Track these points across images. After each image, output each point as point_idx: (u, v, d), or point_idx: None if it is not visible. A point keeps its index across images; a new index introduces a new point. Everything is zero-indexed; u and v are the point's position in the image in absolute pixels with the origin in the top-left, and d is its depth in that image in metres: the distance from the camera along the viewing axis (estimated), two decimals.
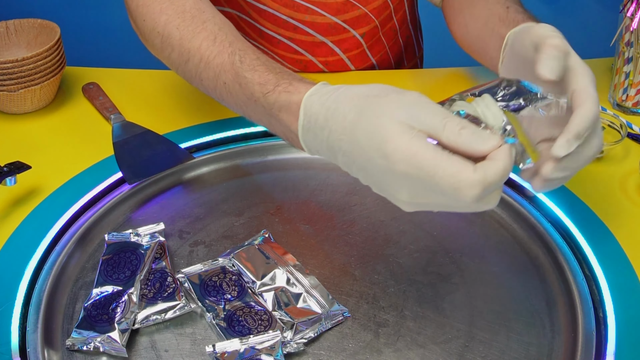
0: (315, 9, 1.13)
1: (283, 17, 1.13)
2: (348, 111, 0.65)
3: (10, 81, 1.03)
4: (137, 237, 0.84)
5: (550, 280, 0.82)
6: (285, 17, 1.13)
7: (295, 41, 1.16)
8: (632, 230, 0.88)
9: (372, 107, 0.63)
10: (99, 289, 0.78)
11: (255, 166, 1.00)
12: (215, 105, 1.08)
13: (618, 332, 0.75)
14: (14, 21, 1.13)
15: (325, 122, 0.67)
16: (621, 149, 1.01)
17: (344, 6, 1.13)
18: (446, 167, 0.59)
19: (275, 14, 1.13)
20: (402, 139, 0.61)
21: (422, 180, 0.60)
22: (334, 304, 0.78)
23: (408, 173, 0.61)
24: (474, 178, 0.58)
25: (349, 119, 0.65)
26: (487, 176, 0.59)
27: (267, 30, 1.15)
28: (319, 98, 0.69)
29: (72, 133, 1.05)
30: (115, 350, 0.73)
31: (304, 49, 1.17)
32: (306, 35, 1.16)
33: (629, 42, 1.05)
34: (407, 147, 0.60)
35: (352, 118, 0.65)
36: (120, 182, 0.94)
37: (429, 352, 0.74)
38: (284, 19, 1.13)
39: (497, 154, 0.59)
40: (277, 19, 1.13)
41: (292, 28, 1.15)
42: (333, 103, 0.67)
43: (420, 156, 0.60)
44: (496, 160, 0.59)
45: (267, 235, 0.86)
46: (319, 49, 1.17)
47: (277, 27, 1.15)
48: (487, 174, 0.59)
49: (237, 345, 0.71)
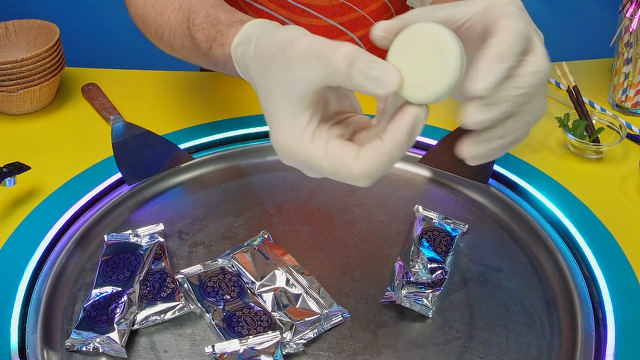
0: (310, 12, 1.13)
1: (280, 18, 1.13)
2: (254, 75, 0.63)
3: (9, 82, 1.03)
4: (136, 237, 0.84)
5: (549, 281, 0.82)
6: (281, 18, 1.13)
7: None
8: (632, 230, 0.88)
9: (268, 79, 0.60)
10: (99, 290, 0.78)
11: (254, 167, 1.00)
12: (215, 106, 1.08)
13: (617, 333, 0.75)
14: (13, 22, 1.13)
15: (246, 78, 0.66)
16: (620, 150, 1.01)
17: (339, 9, 1.13)
18: (327, 163, 0.56)
19: (273, 14, 1.13)
20: (282, 129, 0.58)
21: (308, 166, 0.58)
22: (333, 305, 0.78)
23: (294, 162, 0.59)
24: (357, 173, 0.55)
25: (254, 83, 0.63)
26: (369, 169, 0.55)
27: None
28: (242, 50, 0.66)
29: (71, 134, 1.05)
30: (114, 351, 0.73)
31: None
32: None
33: (628, 42, 1.05)
34: (286, 142, 0.58)
35: (255, 83, 0.63)
36: (120, 183, 0.94)
37: (428, 352, 0.74)
38: (282, 19, 1.14)
39: (387, 138, 0.55)
40: (275, 19, 1.14)
41: None
42: (247, 62, 0.65)
43: (296, 150, 0.58)
44: (383, 146, 0.55)
45: (267, 236, 0.86)
46: None
47: None
48: (368, 165, 0.55)
49: (236, 346, 0.71)
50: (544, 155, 1.00)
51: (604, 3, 2.83)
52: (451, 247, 0.84)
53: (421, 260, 0.81)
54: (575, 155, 1.00)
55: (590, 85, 1.16)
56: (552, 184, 0.94)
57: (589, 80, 1.17)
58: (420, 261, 0.81)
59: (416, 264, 0.81)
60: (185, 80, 1.15)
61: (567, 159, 1.00)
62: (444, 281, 0.79)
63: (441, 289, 0.79)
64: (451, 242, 0.85)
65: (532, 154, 1.00)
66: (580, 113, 1.03)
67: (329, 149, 0.57)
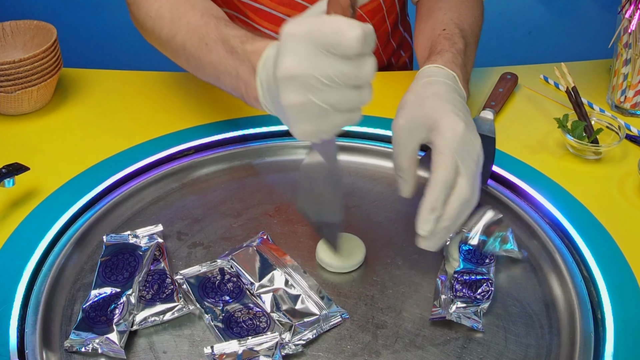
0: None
1: (280, 15, 1.13)
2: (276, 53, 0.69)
3: (7, 82, 1.03)
4: (135, 238, 0.84)
5: (548, 282, 0.82)
6: (282, 15, 1.13)
7: None
8: (630, 231, 0.88)
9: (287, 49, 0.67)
10: (98, 291, 0.78)
11: (253, 168, 1.00)
12: (214, 106, 1.08)
13: (616, 334, 0.75)
14: (10, 23, 1.13)
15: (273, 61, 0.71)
16: (619, 151, 1.01)
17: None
18: (329, 24, 0.64)
19: (272, 12, 1.13)
20: None
21: (311, 35, 0.65)
22: (332, 306, 0.78)
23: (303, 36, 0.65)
24: (352, 22, 0.63)
25: None
26: (362, 24, 0.63)
27: (264, 30, 1.15)
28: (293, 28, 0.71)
29: (69, 134, 1.05)
30: (113, 351, 0.73)
31: None
32: None
33: (627, 43, 1.05)
34: None
35: None
36: (119, 184, 0.94)
37: (427, 353, 0.74)
38: (281, 17, 1.14)
39: None
40: (274, 17, 1.14)
41: None
42: None
43: None
44: None
45: (266, 236, 0.86)
46: None
47: (274, 26, 1.15)
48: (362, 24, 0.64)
49: (235, 347, 0.71)
50: (543, 156, 1.00)
51: (602, 4, 2.84)
52: (492, 256, 0.83)
53: None
54: (574, 156, 1.00)
55: (589, 86, 1.16)
56: (551, 184, 0.94)
57: (587, 81, 1.17)
58: None
59: None
60: (184, 81, 1.15)
61: (566, 159, 1.00)
62: (490, 293, 0.78)
63: (490, 301, 0.78)
64: None
65: (531, 154, 1.00)
66: (579, 114, 1.03)
67: None
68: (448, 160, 0.74)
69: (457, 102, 0.81)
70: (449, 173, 0.74)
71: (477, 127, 1.00)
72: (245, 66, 0.80)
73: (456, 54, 0.90)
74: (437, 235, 0.76)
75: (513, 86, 1.13)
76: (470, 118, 0.81)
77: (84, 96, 1.13)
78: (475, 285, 0.78)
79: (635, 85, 1.07)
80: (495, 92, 1.10)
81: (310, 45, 0.65)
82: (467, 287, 0.78)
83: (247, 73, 0.80)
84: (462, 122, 0.76)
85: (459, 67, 0.88)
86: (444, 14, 1.00)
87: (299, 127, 0.69)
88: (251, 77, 0.79)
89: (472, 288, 0.78)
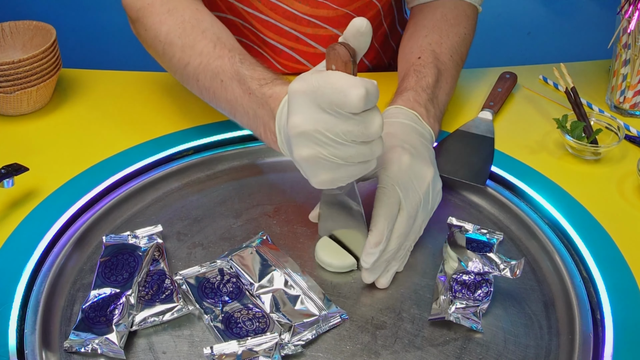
0: (317, 23, 1.13)
1: (285, 28, 1.13)
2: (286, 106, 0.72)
3: (6, 83, 1.03)
4: (134, 239, 0.84)
5: (547, 282, 0.83)
6: (287, 28, 1.13)
7: (297, 51, 1.17)
8: (630, 231, 0.88)
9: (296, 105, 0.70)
10: (97, 291, 0.78)
11: (253, 168, 1.00)
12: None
13: (615, 334, 0.75)
14: (9, 23, 1.13)
15: None
16: (618, 151, 1.01)
17: (344, 19, 1.13)
18: (332, 82, 0.66)
19: (277, 24, 1.13)
20: None
21: (315, 94, 0.67)
22: (332, 306, 0.78)
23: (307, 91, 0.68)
24: (355, 80, 0.65)
25: None
26: (365, 81, 0.65)
27: (269, 40, 1.15)
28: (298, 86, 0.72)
29: (69, 135, 1.05)
30: (113, 352, 0.73)
31: (306, 60, 1.18)
32: (307, 46, 1.16)
33: (626, 44, 1.05)
34: None
35: None
36: (119, 184, 0.94)
37: (426, 354, 0.74)
38: (286, 29, 1.14)
39: None
40: (280, 29, 1.14)
41: (294, 39, 1.15)
42: None
43: None
44: None
45: (265, 237, 0.86)
46: (321, 59, 1.17)
47: (279, 37, 1.15)
48: (365, 81, 0.66)
49: (234, 347, 0.71)
50: (542, 157, 1.00)
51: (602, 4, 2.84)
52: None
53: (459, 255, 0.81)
54: (573, 156, 1.00)
55: (589, 86, 1.16)
56: (550, 185, 0.94)
57: (587, 81, 1.17)
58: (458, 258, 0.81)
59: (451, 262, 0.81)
60: None
61: (565, 160, 1.00)
62: (489, 293, 0.78)
63: (489, 302, 0.78)
64: (490, 251, 0.83)
65: (530, 155, 1.00)
66: (578, 114, 1.03)
67: None
68: (390, 194, 0.77)
69: (412, 138, 0.83)
70: (391, 208, 0.77)
71: (476, 127, 1.01)
72: (263, 109, 0.82)
73: (420, 91, 0.92)
74: (377, 269, 0.79)
75: (512, 86, 1.13)
76: (424, 152, 0.82)
77: (84, 96, 1.13)
78: (474, 286, 0.78)
79: (635, 86, 1.07)
80: (494, 92, 1.10)
81: (314, 103, 0.67)
82: (466, 287, 0.78)
83: (266, 116, 0.81)
84: (406, 155, 0.79)
85: (423, 104, 0.90)
86: (424, 37, 1.01)
87: (315, 177, 0.72)
88: (270, 121, 0.80)
89: (471, 289, 0.78)
